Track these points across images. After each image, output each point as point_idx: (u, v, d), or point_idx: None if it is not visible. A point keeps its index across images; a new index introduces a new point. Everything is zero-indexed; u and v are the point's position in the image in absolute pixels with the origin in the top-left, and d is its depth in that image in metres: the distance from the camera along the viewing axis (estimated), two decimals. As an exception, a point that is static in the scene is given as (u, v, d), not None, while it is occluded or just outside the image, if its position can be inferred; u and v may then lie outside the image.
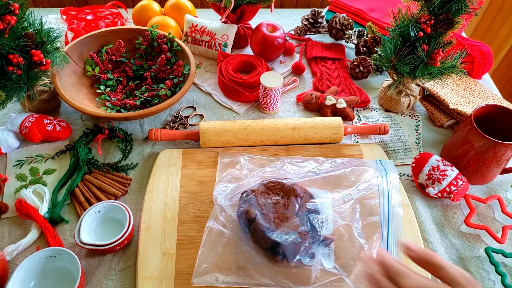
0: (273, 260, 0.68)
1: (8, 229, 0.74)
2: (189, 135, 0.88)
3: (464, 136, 0.81)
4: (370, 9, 1.19)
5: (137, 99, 0.94)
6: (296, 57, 1.15)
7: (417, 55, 0.83)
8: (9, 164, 0.84)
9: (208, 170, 0.83)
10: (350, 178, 0.80)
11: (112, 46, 1.00)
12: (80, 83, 0.95)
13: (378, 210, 0.76)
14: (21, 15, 0.77)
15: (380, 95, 1.01)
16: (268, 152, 0.87)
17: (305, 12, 1.25)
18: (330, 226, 0.72)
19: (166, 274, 0.68)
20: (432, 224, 0.79)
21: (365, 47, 1.09)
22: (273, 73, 0.95)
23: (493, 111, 0.82)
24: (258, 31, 1.06)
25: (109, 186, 0.80)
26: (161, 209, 0.76)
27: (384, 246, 0.71)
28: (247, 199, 0.71)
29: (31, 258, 0.64)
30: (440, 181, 0.79)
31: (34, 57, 0.77)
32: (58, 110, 0.96)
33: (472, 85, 1.02)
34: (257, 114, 0.99)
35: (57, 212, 0.76)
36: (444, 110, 0.97)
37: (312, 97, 0.98)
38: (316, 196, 0.74)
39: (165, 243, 0.71)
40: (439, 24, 0.79)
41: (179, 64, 0.97)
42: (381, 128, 0.91)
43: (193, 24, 1.09)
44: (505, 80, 1.60)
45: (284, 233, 0.67)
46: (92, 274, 0.69)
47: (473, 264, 0.74)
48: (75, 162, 0.84)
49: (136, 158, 0.88)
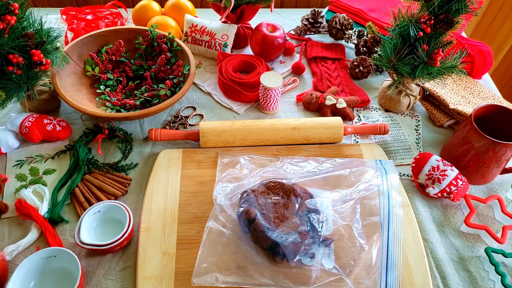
0: (273, 261, 0.68)
1: (8, 229, 0.74)
2: (189, 135, 0.88)
3: (464, 136, 0.81)
4: (370, 9, 1.19)
5: (137, 99, 0.94)
6: (296, 57, 1.15)
7: (417, 55, 0.83)
8: (9, 164, 0.84)
9: (208, 170, 0.83)
10: (350, 178, 0.80)
11: (112, 46, 1.00)
12: (80, 83, 0.95)
13: (378, 210, 0.76)
14: (21, 15, 0.77)
15: (380, 95, 1.01)
16: (268, 152, 0.87)
17: (305, 12, 1.26)
18: (330, 226, 0.72)
19: (166, 274, 0.68)
20: (432, 224, 0.79)
21: (365, 47, 1.09)
22: (273, 73, 0.95)
23: (493, 111, 0.82)
24: (258, 31, 1.06)
25: (109, 186, 0.80)
26: (161, 209, 0.76)
27: (385, 247, 0.71)
28: (247, 199, 0.71)
29: (31, 258, 0.64)
30: (440, 181, 0.79)
31: (34, 57, 0.77)
32: (58, 110, 0.96)
33: (472, 85, 1.02)
34: (257, 114, 0.99)
35: (57, 212, 0.76)
36: (444, 110, 0.97)
37: (312, 97, 0.98)
38: (316, 196, 0.74)
39: (165, 243, 0.71)
40: (439, 24, 0.79)
41: (179, 64, 0.97)
42: (381, 128, 0.91)
43: (193, 24, 1.09)
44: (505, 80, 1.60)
45: (284, 233, 0.67)
46: (92, 274, 0.69)
47: (473, 264, 0.74)
48: (75, 162, 0.84)
49: (136, 158, 0.88)
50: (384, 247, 0.71)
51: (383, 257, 0.70)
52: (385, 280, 0.67)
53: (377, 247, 0.71)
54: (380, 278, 0.67)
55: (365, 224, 0.74)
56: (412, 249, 0.72)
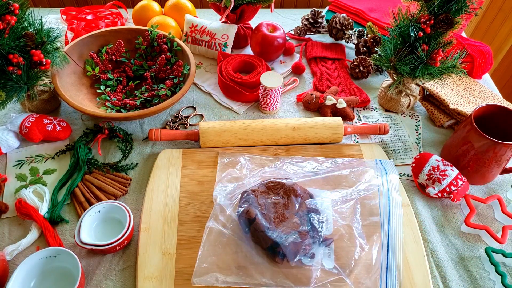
0: (273, 261, 0.68)
1: (8, 229, 0.74)
2: (189, 135, 0.88)
3: (464, 136, 0.81)
4: (370, 9, 1.19)
5: (137, 99, 0.94)
6: (296, 57, 1.15)
7: (417, 55, 0.83)
8: (9, 164, 0.84)
9: (208, 170, 0.83)
10: (350, 178, 0.80)
11: (112, 46, 1.00)
12: (80, 83, 0.95)
13: (378, 210, 0.76)
14: (21, 15, 0.77)
15: (380, 95, 1.01)
16: (268, 152, 0.87)
17: (305, 12, 1.26)
18: (330, 226, 0.72)
19: (166, 274, 0.68)
20: (432, 224, 0.79)
21: (365, 47, 1.09)
22: (273, 73, 0.95)
23: (493, 111, 0.82)
24: (258, 31, 1.06)
25: (109, 186, 0.80)
26: (161, 209, 0.76)
27: (385, 247, 0.71)
28: (247, 198, 0.71)
29: (31, 258, 0.64)
30: (440, 181, 0.79)
31: (34, 57, 0.77)
32: (58, 110, 0.96)
33: (472, 85, 1.02)
34: (257, 114, 0.99)
35: (57, 212, 0.76)
36: (444, 110, 0.97)
37: (312, 97, 0.98)
38: (316, 196, 0.74)
39: (165, 243, 0.71)
40: (439, 24, 0.79)
41: (179, 64, 0.97)
42: (381, 128, 0.91)
43: (193, 24, 1.09)
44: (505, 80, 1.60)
45: (284, 233, 0.67)
46: (92, 274, 0.69)
47: (473, 264, 0.74)
48: (75, 162, 0.84)
49: (136, 158, 0.88)
50: (384, 247, 0.71)
51: (383, 257, 0.70)
52: (385, 280, 0.67)
53: (377, 247, 0.71)
54: (380, 278, 0.67)
55: (365, 224, 0.74)
56: (412, 249, 0.72)
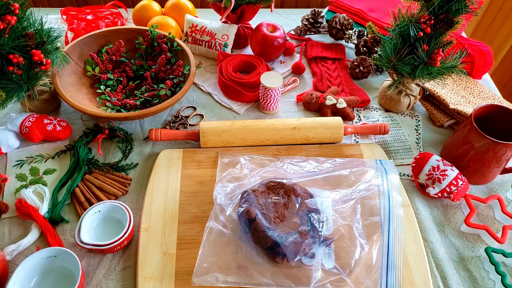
0: (273, 260, 0.68)
1: (8, 229, 0.74)
2: (189, 135, 0.88)
3: (464, 136, 0.81)
4: (370, 9, 1.19)
5: (137, 99, 0.94)
6: (296, 57, 1.15)
7: (417, 55, 0.83)
8: (9, 164, 0.84)
9: (208, 170, 0.83)
10: (350, 178, 0.80)
11: (112, 46, 1.00)
12: (80, 83, 0.95)
13: (378, 210, 0.76)
14: (21, 15, 0.77)
15: (380, 95, 1.01)
16: (268, 152, 0.87)
17: (305, 12, 1.26)
18: (330, 226, 0.72)
19: (166, 274, 0.68)
20: (432, 224, 0.79)
21: (365, 47, 1.09)
22: (273, 73, 0.95)
23: (493, 111, 0.82)
24: (258, 31, 1.06)
25: (109, 186, 0.80)
26: (161, 209, 0.76)
27: (385, 247, 0.71)
28: (248, 198, 0.71)
29: (32, 258, 0.64)
30: (440, 181, 0.79)
31: (34, 57, 0.77)
32: (58, 110, 0.96)
33: (472, 85, 1.02)
34: (257, 114, 0.99)
35: (57, 212, 0.76)
36: (444, 110, 0.97)
37: (312, 97, 0.98)
38: (316, 196, 0.74)
39: (165, 243, 0.71)
40: (439, 24, 0.79)
41: (179, 64, 0.97)
42: (381, 128, 0.91)
43: (193, 24, 1.09)
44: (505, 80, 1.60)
45: (285, 233, 0.67)
46: (92, 274, 0.69)
47: (473, 264, 0.74)
48: (75, 162, 0.84)
49: (136, 158, 0.88)
50: (384, 247, 0.71)
51: (384, 257, 0.70)
52: (386, 280, 0.67)
53: (378, 247, 0.71)
54: (380, 278, 0.67)
55: (365, 224, 0.74)
56: (412, 249, 0.72)
